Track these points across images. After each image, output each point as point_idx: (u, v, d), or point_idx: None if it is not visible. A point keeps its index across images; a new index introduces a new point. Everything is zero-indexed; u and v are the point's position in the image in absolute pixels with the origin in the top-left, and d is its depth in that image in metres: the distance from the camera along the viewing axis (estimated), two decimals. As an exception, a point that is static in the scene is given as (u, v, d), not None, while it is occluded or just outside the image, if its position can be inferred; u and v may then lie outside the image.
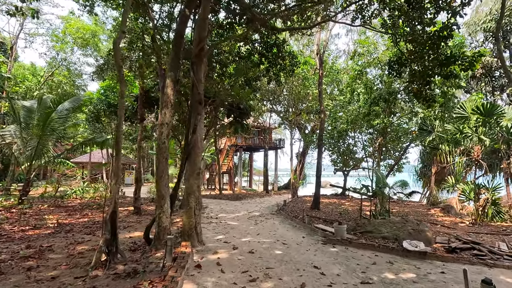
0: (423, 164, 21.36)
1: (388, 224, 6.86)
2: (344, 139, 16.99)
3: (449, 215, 12.66)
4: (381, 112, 13.52)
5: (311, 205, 13.61)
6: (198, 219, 5.86)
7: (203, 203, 14.94)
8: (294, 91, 18.61)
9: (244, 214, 11.12)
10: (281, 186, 29.66)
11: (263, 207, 14.10)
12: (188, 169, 5.84)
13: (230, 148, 25.57)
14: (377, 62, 13.28)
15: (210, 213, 11.28)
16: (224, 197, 18.01)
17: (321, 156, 13.64)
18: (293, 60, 14.51)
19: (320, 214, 11.68)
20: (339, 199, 19.15)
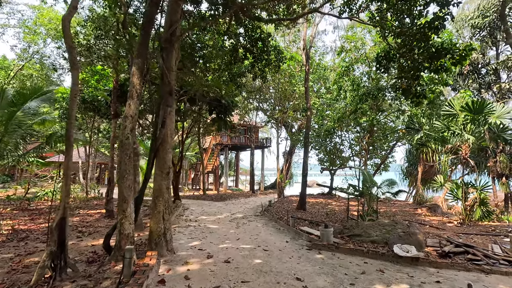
0: (409, 163, 21.35)
1: (377, 227, 6.40)
2: (331, 137, 16.61)
3: (436, 215, 12.47)
4: (368, 109, 13.18)
5: (297, 205, 13.13)
6: (168, 224, 5.19)
7: (185, 204, 14.20)
8: (281, 88, 18.10)
9: (226, 216, 10.49)
10: (268, 186, 29.17)
11: (248, 208, 13.50)
12: (156, 167, 5.15)
13: (215, 147, 24.84)
14: (364, 59, 12.93)
15: (190, 215, 10.58)
16: (208, 197, 17.30)
17: (308, 154, 13.17)
18: (279, 55, 13.98)
19: (306, 215, 11.20)
20: (326, 199, 18.80)
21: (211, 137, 26.20)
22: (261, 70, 14.47)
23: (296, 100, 18.75)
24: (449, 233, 8.02)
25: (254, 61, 13.44)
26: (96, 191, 17.79)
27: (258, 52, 13.08)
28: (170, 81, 5.12)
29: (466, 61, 7.11)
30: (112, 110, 10.17)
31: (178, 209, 11.53)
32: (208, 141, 27.11)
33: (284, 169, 20.44)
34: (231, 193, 22.62)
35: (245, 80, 16.38)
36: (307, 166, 13.13)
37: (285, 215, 10.56)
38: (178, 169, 14.68)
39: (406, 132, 13.04)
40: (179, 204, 13.17)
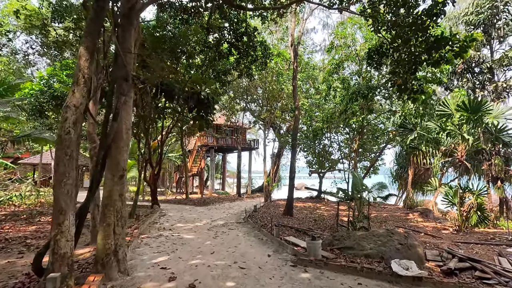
0: (399, 166, 20.91)
1: (371, 238, 5.62)
2: (320, 139, 15.92)
3: (428, 220, 11.89)
4: (358, 110, 12.53)
5: (284, 210, 12.30)
6: (120, 239, 4.22)
7: (163, 210, 13.15)
8: (268, 87, 17.33)
9: (205, 224, 9.54)
10: (255, 189, 28.28)
11: (231, 213, 12.58)
12: (106, 170, 4.20)
13: (200, 148, 23.80)
14: (354, 56, 12.28)
15: (165, 222, 9.57)
16: (190, 202, 16.27)
17: (295, 156, 12.39)
18: (265, 51, 13.20)
19: (293, 222, 10.38)
20: (314, 203, 18.06)
21: (196, 138, 25.16)
22: (247, 67, 13.66)
23: (284, 100, 18.00)
24: (447, 242, 7.35)
25: (240, 58, 12.64)
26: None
27: (244, 47, 12.27)
28: (126, 65, 4.20)
29: (468, 53, 6.47)
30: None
31: (153, 215, 10.49)
32: (193, 142, 26.03)
33: (272, 172, 19.64)
34: (216, 197, 21.60)
35: (230, 78, 15.53)
36: (295, 169, 12.34)
37: (270, 222, 9.70)
38: (157, 171, 13.62)
39: (397, 133, 12.45)
40: (156, 210, 12.12)
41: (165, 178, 29.32)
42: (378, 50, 8.57)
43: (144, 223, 8.46)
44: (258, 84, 18.08)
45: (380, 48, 8.53)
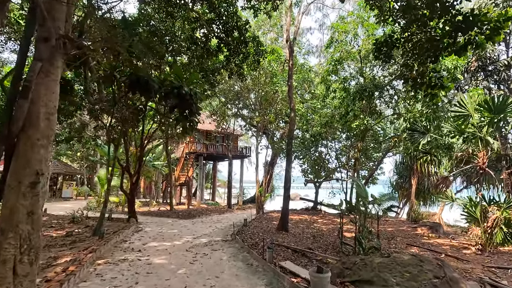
0: (399, 175, 19.77)
1: (395, 268, 4.25)
2: (317, 145, 14.66)
3: (439, 236, 10.60)
4: (359, 112, 11.36)
5: (278, 225, 10.86)
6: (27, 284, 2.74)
7: (141, 223, 11.56)
8: (261, 90, 16.13)
9: (185, 242, 8.02)
10: (247, 200, 26.73)
11: (218, 228, 11.07)
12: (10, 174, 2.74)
13: (188, 156, 22.28)
14: (356, 53, 11.19)
15: (137, 241, 8.02)
16: (174, 214, 14.67)
17: (290, 164, 11.06)
18: (258, 47, 12.02)
19: (289, 239, 8.95)
20: (311, 215, 16.65)
21: (184, 144, 23.66)
22: (238, 65, 12.44)
23: (278, 104, 16.79)
24: (477, 267, 6.05)
25: (230, 55, 11.45)
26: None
27: (234, 43, 11.07)
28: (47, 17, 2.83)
29: (501, 36, 5.34)
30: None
31: (125, 231, 8.93)
32: (181, 149, 24.51)
33: (265, 181, 18.27)
34: (204, 208, 20.00)
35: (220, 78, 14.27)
36: (290, 178, 10.98)
37: (262, 240, 8.25)
38: (135, 179, 12.08)
39: (401, 139, 11.25)
40: (132, 224, 10.54)
41: (152, 188, 27.56)
42: (387, 41, 7.41)
43: (108, 243, 6.92)
44: (250, 87, 16.88)
45: (390, 38, 7.37)
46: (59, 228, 9.87)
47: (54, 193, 26.64)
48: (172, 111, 9.48)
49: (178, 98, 8.10)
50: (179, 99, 8.10)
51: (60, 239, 7.94)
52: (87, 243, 6.99)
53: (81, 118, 13.57)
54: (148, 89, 8.35)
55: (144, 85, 8.27)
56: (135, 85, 8.25)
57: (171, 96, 8.01)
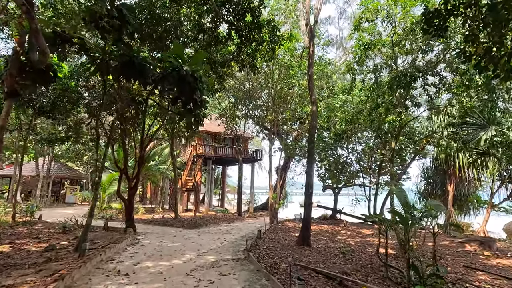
0: (427, 180, 17.80)
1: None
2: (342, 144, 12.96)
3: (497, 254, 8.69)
4: (392, 105, 9.68)
5: (298, 238, 9.20)
6: None
7: (139, 234, 10.11)
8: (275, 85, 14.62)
9: (187, 261, 6.47)
10: (258, 207, 25.06)
11: (227, 241, 9.48)
12: None
13: (196, 159, 20.87)
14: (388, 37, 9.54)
15: (128, 259, 6.50)
16: (178, 223, 13.16)
17: (313, 166, 9.44)
18: (273, 33, 10.56)
19: (314, 257, 7.28)
20: (330, 224, 14.90)
21: (191, 147, 22.30)
22: (250, 55, 11.03)
23: (294, 100, 15.23)
24: None
25: (241, 43, 10.05)
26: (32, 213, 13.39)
27: (246, 29, 9.67)
28: None
29: None
30: (6, 86, 6.31)
31: (117, 245, 7.45)
32: (188, 152, 23.15)
33: (278, 187, 16.62)
34: (212, 215, 18.45)
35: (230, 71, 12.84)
36: (312, 182, 9.32)
37: (282, 259, 6.62)
38: (133, 183, 10.67)
39: (463, 131, 9.35)
40: (128, 236, 9.06)
41: (158, 194, 26.23)
42: (439, 10, 5.80)
43: (89, 263, 5.43)
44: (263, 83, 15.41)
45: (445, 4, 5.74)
46: (44, 240, 8.48)
47: (57, 198, 25.66)
48: (175, 103, 8.02)
49: (178, 82, 6.64)
50: (180, 83, 6.63)
51: (36, 255, 6.53)
52: (63, 262, 5.53)
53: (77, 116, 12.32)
54: (143, 72, 6.94)
55: (138, 67, 6.87)
56: (128, 68, 6.85)
57: (170, 80, 6.55)
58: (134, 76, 7.07)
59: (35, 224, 11.87)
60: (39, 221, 12.84)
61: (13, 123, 12.72)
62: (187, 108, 7.56)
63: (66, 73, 11.64)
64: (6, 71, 6.43)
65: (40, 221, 12.74)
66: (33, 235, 9.28)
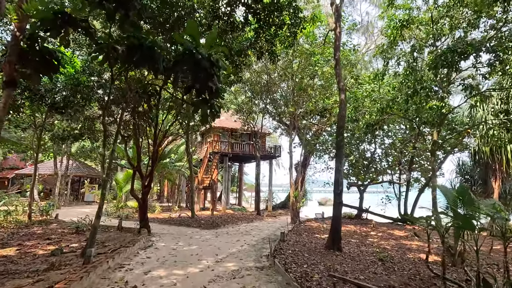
0: (463, 177, 16.24)
1: None
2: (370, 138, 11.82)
3: None
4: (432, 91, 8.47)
5: (327, 241, 8.24)
6: None
7: (154, 235, 9.48)
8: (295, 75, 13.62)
9: (204, 269, 5.68)
10: (277, 205, 24.16)
11: (247, 244, 8.65)
12: None
13: (212, 156, 20.23)
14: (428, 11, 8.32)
15: (139, 266, 5.80)
16: (195, 223, 12.50)
17: (342, 161, 8.41)
18: (295, 15, 9.57)
19: (349, 264, 6.31)
20: (357, 225, 13.77)
21: (207, 144, 21.69)
22: (269, 41, 10.10)
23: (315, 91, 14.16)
24: None
25: (259, 28, 9.15)
26: (49, 212, 13.16)
27: (265, 12, 8.78)
28: None
29: None
30: (4, 74, 5.73)
31: (129, 248, 6.79)
32: (204, 149, 22.57)
33: (299, 184, 15.64)
34: (230, 214, 17.75)
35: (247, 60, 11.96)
36: (342, 180, 8.31)
37: (313, 268, 5.70)
38: (147, 181, 10.06)
39: (504, 123, 8.12)
40: (141, 237, 8.43)
41: (174, 192, 25.86)
42: None
43: (93, 272, 4.74)
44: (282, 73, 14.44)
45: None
46: (54, 242, 7.99)
47: (76, 196, 25.87)
48: (188, 92, 7.23)
49: (193, 68, 5.83)
50: (194, 69, 5.83)
51: (41, 259, 5.97)
52: (65, 270, 4.88)
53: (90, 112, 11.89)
54: (153, 57, 6.16)
55: (147, 51, 6.11)
56: (136, 52, 6.11)
57: (183, 65, 5.76)
58: (143, 61, 6.29)
59: (51, 224, 11.56)
60: (55, 220, 12.58)
61: (27, 121, 12.49)
62: (202, 98, 6.74)
63: (78, 68, 11.23)
64: (4, 58, 5.82)
65: (56, 220, 12.47)
66: (45, 236, 8.86)
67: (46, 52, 6.30)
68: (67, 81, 10.89)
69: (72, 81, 10.86)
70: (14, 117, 11.57)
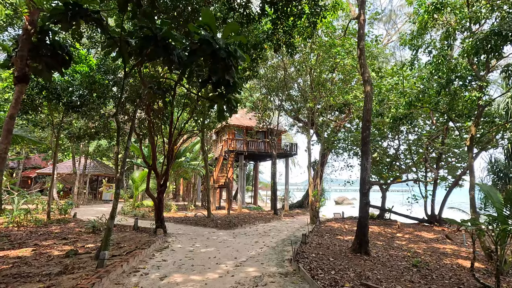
0: (496, 174, 15.10)
1: None
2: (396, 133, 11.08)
3: None
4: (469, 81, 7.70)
5: (353, 244, 7.67)
6: None
7: (170, 235, 9.21)
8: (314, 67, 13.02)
9: (223, 275, 5.27)
10: (293, 204, 23.58)
11: (267, 246, 8.20)
12: None
13: (228, 155, 19.91)
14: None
15: (155, 270, 5.47)
16: (211, 223, 12.18)
17: (368, 157, 7.79)
18: (315, 4, 9.01)
19: (380, 271, 5.73)
20: (381, 226, 13.03)
21: (222, 143, 21.40)
22: (287, 32, 9.62)
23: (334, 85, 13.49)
24: None
25: (277, 18, 8.69)
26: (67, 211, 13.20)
27: (283, 1, 8.31)
28: None
29: None
30: (16, 70, 5.53)
31: (145, 250, 6.50)
32: (219, 148, 22.31)
33: (318, 183, 15.03)
34: (247, 213, 17.40)
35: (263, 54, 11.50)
36: (369, 178, 7.70)
37: (342, 275, 5.17)
38: (163, 180, 9.80)
39: None
40: (157, 238, 8.16)
41: (190, 191, 25.80)
42: None
43: (107, 276, 4.44)
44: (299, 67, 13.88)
45: None
46: (70, 242, 7.84)
47: (95, 195, 26.28)
48: (204, 86, 6.84)
49: (210, 58, 5.43)
50: (211, 59, 5.42)
51: (56, 261, 5.75)
52: (78, 274, 4.60)
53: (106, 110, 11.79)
54: (167, 48, 5.81)
55: (161, 42, 5.76)
56: (150, 44, 5.77)
57: (199, 55, 5.36)
58: (157, 53, 5.96)
59: (69, 222, 11.55)
60: (73, 219, 12.60)
61: (46, 120, 12.56)
62: (218, 92, 6.32)
63: (93, 66, 11.15)
64: (15, 53, 5.61)
65: (74, 219, 12.49)
66: (62, 235, 8.75)
67: (58, 46, 6.05)
68: (82, 79, 10.82)
69: (87, 79, 10.79)
70: (33, 116, 11.61)
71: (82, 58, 11.10)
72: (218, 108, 6.76)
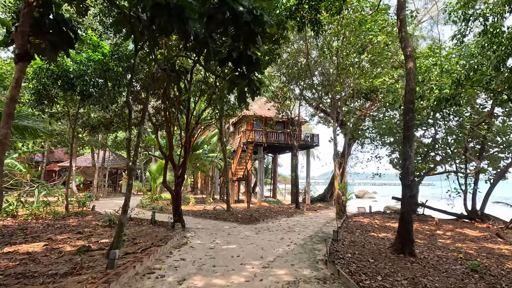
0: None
1: None
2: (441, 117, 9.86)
3: None
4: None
5: (394, 243, 6.74)
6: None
7: (189, 230, 8.61)
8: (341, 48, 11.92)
9: (250, 279, 4.53)
10: (315, 198, 22.61)
11: (295, 244, 7.39)
12: None
13: (246, 147, 19.18)
14: None
15: (172, 271, 4.80)
16: (232, 217, 11.53)
17: (412, 144, 6.74)
18: (346, -29, 7.92)
19: (433, 277, 4.79)
20: (416, 222, 11.85)
21: (240, 134, 20.69)
22: (313, 8, 8.67)
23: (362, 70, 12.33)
24: None
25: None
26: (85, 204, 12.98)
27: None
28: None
29: None
30: (16, 47, 4.95)
31: (161, 247, 5.89)
32: (237, 140, 21.62)
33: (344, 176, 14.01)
34: (267, 207, 16.68)
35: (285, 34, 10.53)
36: (413, 169, 6.68)
37: (393, 282, 4.30)
38: (180, 172, 9.19)
39: None
40: (175, 234, 7.56)
41: (208, 183, 25.41)
42: None
43: (116, 280, 3.80)
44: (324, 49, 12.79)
45: None
46: (85, 236, 7.39)
47: (114, 188, 26.48)
48: (224, 64, 6.02)
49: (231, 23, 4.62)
50: (233, 25, 4.61)
51: (65, 258, 5.23)
52: (85, 276, 4.00)
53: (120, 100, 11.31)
54: (182, 18, 5.04)
55: (175, 11, 4.99)
56: (163, 13, 5.02)
57: (219, 18, 4.57)
58: (170, 24, 5.22)
59: (87, 215, 11.27)
60: (91, 212, 12.35)
61: (62, 111, 12.30)
62: (240, 72, 5.49)
63: (106, 52, 10.66)
64: (16, 28, 5.01)
65: (92, 212, 12.24)
66: (78, 229, 8.36)
67: (61, 21, 5.43)
68: (96, 66, 10.37)
69: (100, 66, 10.32)
70: (49, 108, 11.32)
71: (95, 45, 10.60)
72: (238, 90, 5.92)
